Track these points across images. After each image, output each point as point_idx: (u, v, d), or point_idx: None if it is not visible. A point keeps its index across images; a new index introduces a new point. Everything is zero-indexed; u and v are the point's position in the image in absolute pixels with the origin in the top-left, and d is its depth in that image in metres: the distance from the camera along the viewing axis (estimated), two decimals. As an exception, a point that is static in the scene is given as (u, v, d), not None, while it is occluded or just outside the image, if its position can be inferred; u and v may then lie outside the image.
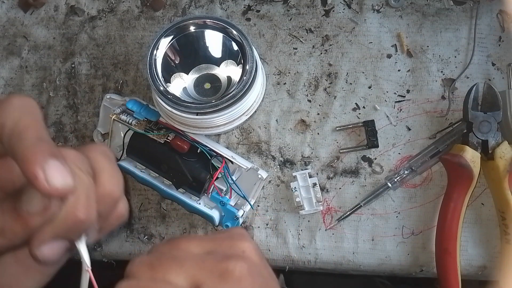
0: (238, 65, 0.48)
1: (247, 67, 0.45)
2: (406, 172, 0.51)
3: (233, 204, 0.50)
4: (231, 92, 0.45)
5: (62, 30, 0.57)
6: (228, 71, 0.49)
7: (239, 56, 0.47)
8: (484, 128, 0.49)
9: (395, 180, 0.50)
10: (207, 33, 0.48)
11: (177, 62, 0.49)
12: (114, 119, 0.50)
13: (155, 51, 0.46)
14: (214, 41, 0.48)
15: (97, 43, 0.57)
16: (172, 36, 0.47)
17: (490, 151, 0.49)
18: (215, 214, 0.49)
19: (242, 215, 0.51)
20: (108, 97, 0.53)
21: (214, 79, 0.50)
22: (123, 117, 0.51)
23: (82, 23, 0.57)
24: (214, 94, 0.49)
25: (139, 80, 0.56)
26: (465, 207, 0.49)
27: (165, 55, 0.47)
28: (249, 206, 0.51)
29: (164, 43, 0.47)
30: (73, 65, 0.57)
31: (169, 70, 0.48)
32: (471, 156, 0.48)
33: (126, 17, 0.57)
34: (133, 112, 0.50)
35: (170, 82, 0.48)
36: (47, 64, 0.57)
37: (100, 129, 0.54)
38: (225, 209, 0.50)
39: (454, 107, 0.53)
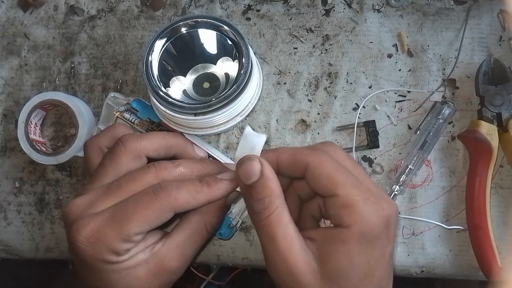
0: (234, 61, 0.48)
1: (243, 61, 0.45)
2: (404, 174, 0.50)
3: (228, 213, 0.49)
4: (226, 92, 0.45)
5: (61, 29, 0.57)
6: (225, 68, 0.49)
7: (234, 51, 0.47)
8: (497, 101, 0.49)
9: (401, 188, 0.50)
10: (200, 32, 0.48)
11: (174, 65, 0.49)
12: (117, 116, 0.51)
13: (150, 55, 0.46)
14: (208, 40, 0.48)
15: (97, 42, 0.57)
16: (166, 38, 0.47)
17: (504, 124, 0.49)
18: None
19: (237, 224, 0.50)
20: (112, 95, 0.53)
21: (212, 78, 0.50)
22: (127, 115, 0.51)
23: (82, 22, 0.57)
24: (213, 93, 0.49)
25: (139, 80, 0.56)
26: (490, 181, 0.49)
27: (161, 59, 0.47)
28: (245, 214, 0.51)
29: (159, 46, 0.47)
30: (72, 65, 0.57)
31: (167, 75, 0.48)
32: (487, 130, 0.48)
33: (125, 16, 0.57)
34: (137, 111, 0.50)
35: (169, 86, 0.48)
36: (46, 64, 0.57)
37: (101, 126, 0.54)
38: None
39: (455, 106, 0.53)
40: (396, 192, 0.50)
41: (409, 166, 0.50)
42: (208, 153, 0.50)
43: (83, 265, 0.36)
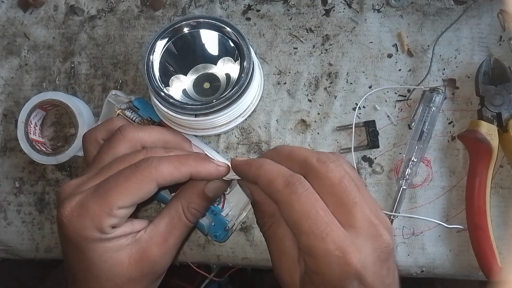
0: (235, 62, 0.48)
1: (245, 64, 0.45)
2: (409, 168, 0.50)
3: (224, 215, 0.49)
4: (228, 93, 0.44)
5: (61, 29, 0.57)
6: (226, 68, 0.49)
7: (236, 52, 0.47)
8: (497, 101, 0.49)
9: (408, 181, 0.50)
10: (202, 32, 0.48)
11: (174, 65, 0.48)
12: (118, 114, 0.50)
13: (151, 55, 0.46)
14: (210, 40, 0.48)
15: (97, 42, 0.57)
16: (167, 39, 0.47)
17: (504, 124, 0.49)
18: (205, 222, 0.48)
19: (233, 227, 0.50)
20: (113, 93, 0.52)
21: (213, 78, 0.49)
22: (128, 113, 0.50)
23: (82, 22, 0.57)
24: (213, 93, 0.49)
25: (139, 80, 0.56)
26: (490, 181, 0.49)
27: (162, 59, 0.47)
28: (242, 217, 0.51)
29: (160, 46, 0.47)
30: (72, 65, 0.57)
31: (167, 74, 0.48)
32: (487, 130, 0.49)
33: (125, 16, 0.57)
34: (138, 109, 0.50)
35: (169, 86, 0.48)
36: (46, 64, 0.57)
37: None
38: (216, 219, 0.48)
39: (455, 106, 0.53)
40: (405, 187, 0.50)
41: (412, 158, 0.50)
42: (206, 154, 0.50)
43: (68, 243, 0.36)
